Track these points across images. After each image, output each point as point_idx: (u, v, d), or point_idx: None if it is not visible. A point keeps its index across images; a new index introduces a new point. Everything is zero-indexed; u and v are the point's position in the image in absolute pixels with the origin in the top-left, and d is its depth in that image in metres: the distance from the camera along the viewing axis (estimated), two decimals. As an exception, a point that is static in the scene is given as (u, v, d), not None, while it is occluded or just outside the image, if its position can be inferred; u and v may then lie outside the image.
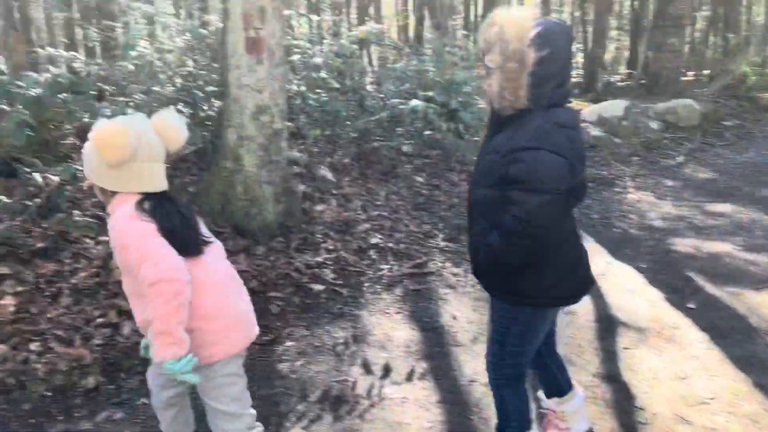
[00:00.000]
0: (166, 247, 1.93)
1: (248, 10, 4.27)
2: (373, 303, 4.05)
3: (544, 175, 1.89)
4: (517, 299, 2.12)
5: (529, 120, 1.94)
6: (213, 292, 2.07)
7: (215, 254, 2.18)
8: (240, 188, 4.55)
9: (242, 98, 4.44)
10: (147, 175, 2.01)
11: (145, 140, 1.99)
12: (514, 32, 1.89)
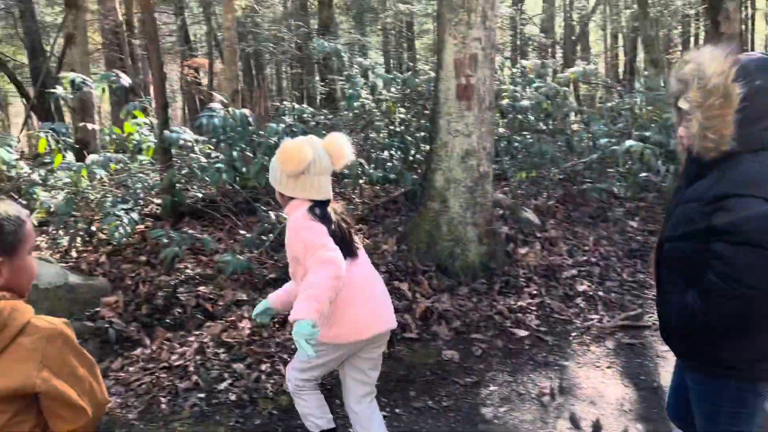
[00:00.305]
0: (328, 235, 2.30)
1: (460, 57, 4.45)
2: (581, 354, 3.85)
3: (756, 227, 1.63)
4: (716, 371, 1.81)
5: (737, 164, 1.70)
6: (355, 288, 2.40)
7: (362, 259, 2.52)
8: (445, 229, 4.68)
9: (451, 143, 4.59)
10: (317, 185, 2.38)
11: (318, 157, 2.36)
12: (714, 67, 1.71)
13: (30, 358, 1.34)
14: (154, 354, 3.66)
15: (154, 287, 4.11)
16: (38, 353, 1.34)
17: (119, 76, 5.45)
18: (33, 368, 1.33)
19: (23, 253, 1.46)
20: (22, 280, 1.46)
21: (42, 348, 1.35)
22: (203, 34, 22.59)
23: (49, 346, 1.36)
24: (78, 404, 1.39)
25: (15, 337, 1.34)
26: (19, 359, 1.33)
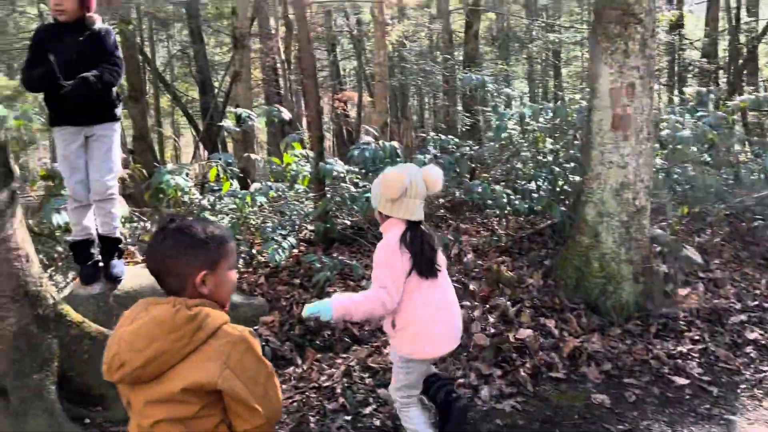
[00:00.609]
0: (400, 278, 2.63)
1: (616, 87, 4.28)
2: (752, 409, 3.48)
3: None
4: None
5: None
6: (428, 310, 2.70)
7: (442, 280, 2.79)
8: (596, 265, 4.47)
9: (604, 174, 4.41)
10: (412, 208, 2.71)
11: (415, 183, 2.71)
12: None
13: (216, 358, 1.51)
14: (305, 373, 3.84)
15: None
16: (224, 355, 1.52)
17: (280, 111, 5.88)
18: (217, 367, 1.50)
19: (224, 269, 1.65)
20: (223, 293, 1.66)
21: (227, 351, 1.53)
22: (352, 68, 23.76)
23: (233, 350, 1.53)
24: (253, 406, 1.53)
25: (207, 339, 1.53)
26: (207, 358, 1.51)
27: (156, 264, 1.63)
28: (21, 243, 3.13)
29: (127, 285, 3.96)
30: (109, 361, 1.52)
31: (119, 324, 1.59)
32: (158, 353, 1.48)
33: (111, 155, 3.71)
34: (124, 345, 1.51)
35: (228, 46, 18.42)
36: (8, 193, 3.06)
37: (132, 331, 1.52)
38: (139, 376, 1.50)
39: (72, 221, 3.81)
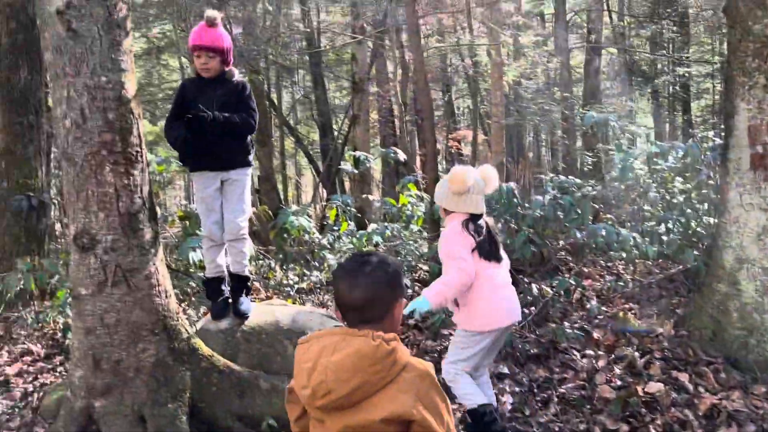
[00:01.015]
0: (470, 257, 3.10)
1: (755, 124, 3.98)
2: None
3: None
4: None
5: None
6: (493, 288, 3.16)
7: (504, 266, 3.29)
8: (736, 315, 4.10)
9: (743, 217, 4.07)
10: (475, 203, 3.20)
11: (477, 181, 3.20)
12: None
13: (408, 390, 1.62)
14: (420, 417, 3.80)
15: (420, 351, 4.31)
16: (414, 387, 1.63)
17: (396, 152, 6.02)
18: (411, 399, 1.61)
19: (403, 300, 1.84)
20: (398, 323, 1.82)
21: (417, 384, 1.64)
22: (466, 106, 23.89)
23: (422, 384, 1.65)
24: None
25: (400, 372, 1.64)
26: (401, 390, 1.62)
27: (365, 293, 1.71)
28: (162, 279, 3.40)
29: (253, 321, 4.15)
30: (315, 387, 1.63)
31: (316, 352, 1.67)
32: (362, 384, 1.60)
33: (244, 198, 3.97)
34: (330, 375, 1.61)
35: (347, 90, 19.23)
36: (152, 233, 3.35)
37: (337, 362, 1.61)
38: (342, 404, 1.62)
39: (207, 259, 4.08)
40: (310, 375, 1.64)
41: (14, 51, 6.17)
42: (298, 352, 1.73)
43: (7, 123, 6.15)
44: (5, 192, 6.11)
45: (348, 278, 1.74)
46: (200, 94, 3.74)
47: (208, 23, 3.66)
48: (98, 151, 3.12)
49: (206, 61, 3.70)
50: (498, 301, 3.16)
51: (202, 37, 3.66)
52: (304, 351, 1.71)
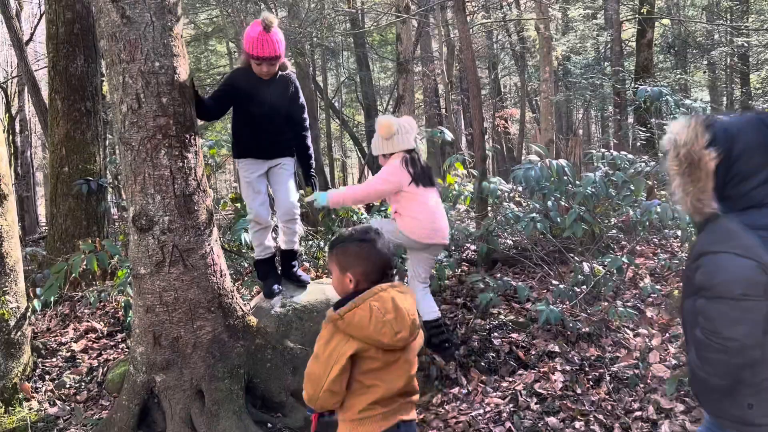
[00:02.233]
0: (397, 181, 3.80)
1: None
2: None
3: (723, 280, 1.73)
4: (735, 427, 1.86)
5: (716, 223, 1.81)
6: (426, 209, 3.84)
7: (436, 190, 3.98)
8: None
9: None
10: (406, 141, 3.87)
11: (400, 123, 3.91)
12: (687, 135, 1.83)
13: None
14: (470, 395, 3.83)
15: (470, 330, 4.32)
16: None
17: (443, 132, 5.97)
18: None
19: None
20: None
21: None
22: (513, 84, 23.47)
23: None
24: None
25: None
26: None
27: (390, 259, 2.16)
28: (217, 259, 3.50)
29: (304, 299, 4.23)
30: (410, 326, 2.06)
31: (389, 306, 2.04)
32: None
33: (293, 180, 4.08)
34: (413, 315, 2.09)
35: (392, 70, 19.15)
36: (207, 214, 3.44)
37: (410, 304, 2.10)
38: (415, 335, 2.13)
39: (254, 242, 4.18)
40: (396, 322, 2.02)
41: (71, 40, 6.38)
42: (359, 315, 2.01)
43: (66, 111, 6.38)
44: (66, 177, 6.36)
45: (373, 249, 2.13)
46: (255, 92, 3.82)
47: (266, 29, 3.66)
48: (153, 135, 3.22)
49: (268, 69, 3.77)
50: (426, 221, 3.84)
51: (265, 48, 3.66)
52: (370, 310, 2.01)
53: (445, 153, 15.34)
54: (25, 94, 15.10)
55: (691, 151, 1.80)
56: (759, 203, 1.79)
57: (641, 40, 10.97)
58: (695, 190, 1.82)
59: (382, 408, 2.06)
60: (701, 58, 15.50)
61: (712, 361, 1.79)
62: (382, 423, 2.07)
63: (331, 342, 2.04)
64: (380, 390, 2.06)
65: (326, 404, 2.09)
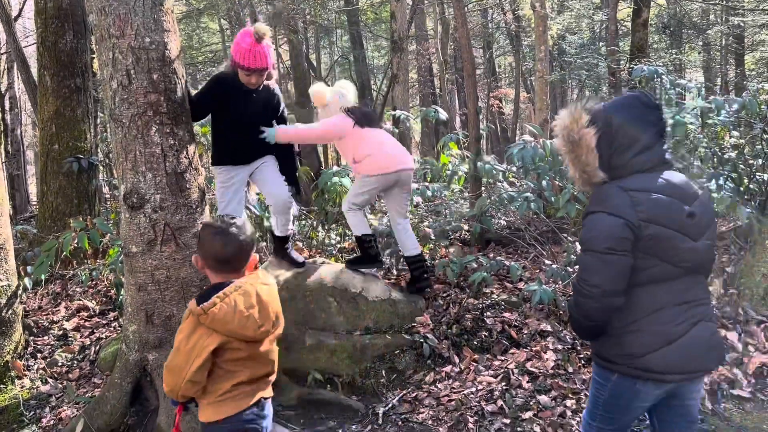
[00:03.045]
0: (342, 126, 4.17)
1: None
2: None
3: (598, 235, 2.00)
4: (602, 363, 2.16)
5: (599, 189, 2.08)
6: (378, 144, 4.19)
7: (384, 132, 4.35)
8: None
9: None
10: (343, 102, 4.23)
11: (332, 90, 4.29)
12: (567, 119, 2.11)
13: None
14: (462, 373, 3.85)
15: (463, 309, 4.33)
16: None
17: (437, 111, 5.93)
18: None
19: None
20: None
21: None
22: (508, 64, 23.32)
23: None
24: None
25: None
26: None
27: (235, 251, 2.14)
28: (209, 238, 3.47)
29: (298, 279, 4.23)
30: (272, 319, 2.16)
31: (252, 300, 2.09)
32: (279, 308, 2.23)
33: (277, 170, 4.10)
34: (275, 305, 2.19)
35: (386, 49, 18.96)
36: (199, 192, 3.41)
37: (272, 296, 2.17)
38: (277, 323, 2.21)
39: None
40: (259, 315, 2.09)
41: (60, 15, 6.27)
42: (221, 311, 2.02)
43: (56, 87, 6.29)
44: (57, 154, 6.29)
45: (219, 238, 2.13)
46: (243, 100, 3.79)
47: (258, 40, 3.61)
48: (144, 112, 3.17)
49: (257, 80, 3.75)
50: (380, 153, 4.15)
51: (257, 60, 3.62)
52: (234, 305, 2.04)
53: (439, 132, 15.27)
54: (15, 71, 14.87)
55: (572, 132, 2.09)
56: (641, 169, 2.04)
57: (637, 19, 10.89)
58: (581, 164, 2.10)
59: (244, 388, 2.14)
60: (696, 38, 15.43)
61: (580, 303, 2.08)
62: (243, 401, 2.14)
63: (193, 336, 2.04)
64: (243, 375, 2.13)
65: (188, 393, 2.11)
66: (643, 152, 2.04)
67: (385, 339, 4.01)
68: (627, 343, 2.05)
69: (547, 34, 7.16)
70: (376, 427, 3.48)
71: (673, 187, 2.02)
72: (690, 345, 2.01)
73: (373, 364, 3.90)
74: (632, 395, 2.09)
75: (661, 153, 2.07)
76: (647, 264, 2.00)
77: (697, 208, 2.02)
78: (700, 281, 2.08)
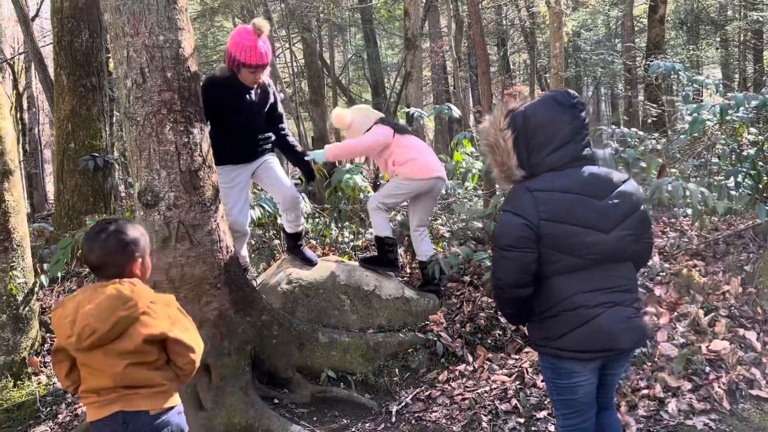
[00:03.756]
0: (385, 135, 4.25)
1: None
2: None
3: (502, 233, 2.17)
4: (535, 348, 2.37)
5: (513, 187, 2.24)
6: (419, 150, 4.33)
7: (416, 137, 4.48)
8: (810, 273, 3.91)
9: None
10: (367, 119, 4.37)
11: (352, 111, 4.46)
12: (487, 122, 2.28)
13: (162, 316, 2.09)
14: (476, 372, 3.83)
15: (476, 307, 4.30)
16: (165, 313, 2.10)
17: (451, 109, 5.90)
18: (166, 322, 2.09)
19: (148, 259, 2.21)
20: (148, 275, 2.23)
21: (167, 311, 2.11)
22: (523, 61, 23.18)
23: (170, 310, 2.13)
24: (190, 345, 2.12)
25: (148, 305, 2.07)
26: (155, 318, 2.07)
27: (99, 256, 2.08)
28: (223, 235, 3.48)
29: (311, 276, 4.23)
30: (80, 332, 1.99)
31: (72, 308, 2.03)
32: (120, 319, 2.00)
33: (281, 168, 4.17)
34: (92, 318, 1.99)
35: (399, 47, 18.92)
36: (213, 190, 3.42)
37: (95, 307, 2.00)
38: (106, 338, 2.00)
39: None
40: (72, 325, 2.01)
41: (75, 15, 6.32)
42: (55, 315, 2.06)
43: (72, 86, 6.34)
44: (73, 153, 6.34)
45: (86, 244, 2.10)
46: (238, 102, 3.80)
47: (258, 33, 3.61)
48: (158, 110, 3.18)
49: (260, 77, 3.74)
50: (420, 158, 4.26)
51: (262, 56, 3.63)
52: (61, 310, 2.05)
53: (453, 130, 15.22)
54: (32, 71, 15.03)
55: (491, 134, 2.25)
56: (554, 166, 2.15)
57: (653, 15, 10.77)
58: (499, 164, 2.25)
59: (95, 397, 2.10)
60: (714, 34, 15.23)
61: (495, 294, 2.36)
62: (97, 411, 2.10)
63: None
64: (87, 383, 2.11)
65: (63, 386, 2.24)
66: (556, 151, 2.14)
67: (399, 337, 4.00)
68: (546, 326, 2.23)
69: (562, 31, 7.10)
70: (389, 425, 3.47)
71: (582, 184, 2.14)
72: (602, 326, 2.15)
73: (387, 362, 3.89)
74: (566, 373, 2.25)
75: (576, 150, 2.16)
76: (553, 258, 2.15)
77: (611, 200, 2.14)
78: (620, 268, 2.21)
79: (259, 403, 3.35)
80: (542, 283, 2.20)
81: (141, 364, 2.07)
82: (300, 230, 4.33)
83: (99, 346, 2.02)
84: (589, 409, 2.34)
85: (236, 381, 3.37)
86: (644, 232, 2.25)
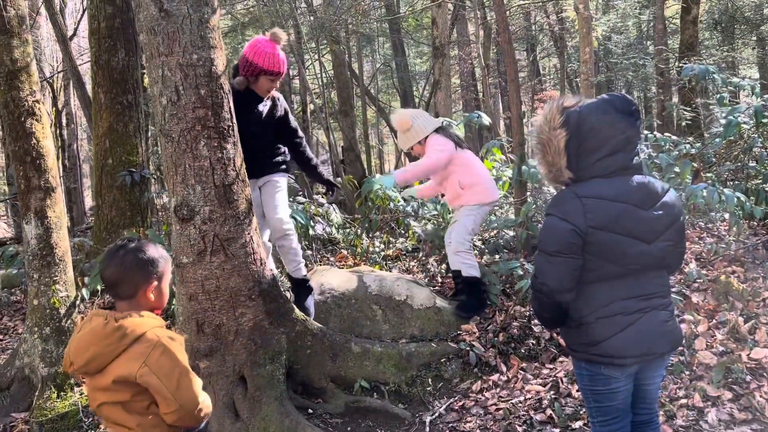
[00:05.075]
0: (449, 145, 4.17)
1: None
2: None
3: (549, 239, 2.16)
4: (572, 353, 2.33)
5: (560, 190, 2.22)
6: (479, 166, 4.31)
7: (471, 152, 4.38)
8: None
9: None
10: (429, 123, 4.29)
11: (412, 113, 4.36)
12: (540, 119, 2.20)
13: (137, 358, 1.90)
14: (510, 382, 3.80)
15: (509, 317, 4.28)
16: (144, 356, 1.90)
17: (480, 116, 5.90)
18: (137, 365, 1.89)
19: (166, 283, 2.07)
20: (163, 301, 2.08)
21: (147, 353, 1.90)
22: (552, 65, 23.00)
23: (152, 352, 1.91)
24: (167, 395, 1.91)
25: (132, 344, 1.91)
26: (130, 359, 1.90)
27: (114, 274, 1.99)
28: (256, 248, 3.54)
29: (343, 287, 4.27)
30: (65, 358, 1.98)
31: (74, 337, 1.98)
32: (95, 355, 1.90)
33: (282, 197, 4.04)
34: (72, 348, 1.95)
35: (428, 55, 18.97)
36: (246, 204, 3.49)
37: (78, 338, 1.95)
38: (85, 371, 1.94)
39: None
40: (68, 348, 1.98)
41: (112, 35, 6.51)
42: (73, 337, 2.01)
43: (109, 103, 6.53)
44: (111, 168, 6.52)
45: (104, 259, 2.03)
46: (250, 113, 3.82)
47: (276, 41, 3.67)
48: (193, 127, 3.27)
49: (276, 86, 3.81)
50: (486, 177, 4.26)
51: (282, 64, 3.71)
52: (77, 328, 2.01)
53: (483, 138, 15.17)
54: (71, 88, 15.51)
55: (544, 132, 2.19)
56: (601, 174, 2.13)
57: (686, 16, 10.60)
58: (548, 163, 2.20)
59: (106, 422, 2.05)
60: (750, 33, 14.89)
61: (535, 298, 2.27)
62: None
63: None
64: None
65: None
66: (607, 157, 2.12)
67: (431, 347, 4.00)
68: (586, 332, 2.21)
69: (591, 36, 7.03)
70: (423, 435, 3.47)
71: (629, 193, 2.12)
72: (640, 331, 2.17)
73: (419, 372, 3.90)
74: (604, 380, 2.24)
75: (626, 159, 2.14)
76: (595, 265, 2.14)
77: (655, 211, 2.14)
78: (657, 276, 2.22)
79: (294, 413, 3.39)
80: (581, 289, 2.19)
81: (116, 403, 1.94)
82: (302, 275, 4.11)
83: (86, 374, 1.96)
84: (626, 415, 2.33)
85: (271, 391, 3.42)
86: (680, 241, 2.25)
